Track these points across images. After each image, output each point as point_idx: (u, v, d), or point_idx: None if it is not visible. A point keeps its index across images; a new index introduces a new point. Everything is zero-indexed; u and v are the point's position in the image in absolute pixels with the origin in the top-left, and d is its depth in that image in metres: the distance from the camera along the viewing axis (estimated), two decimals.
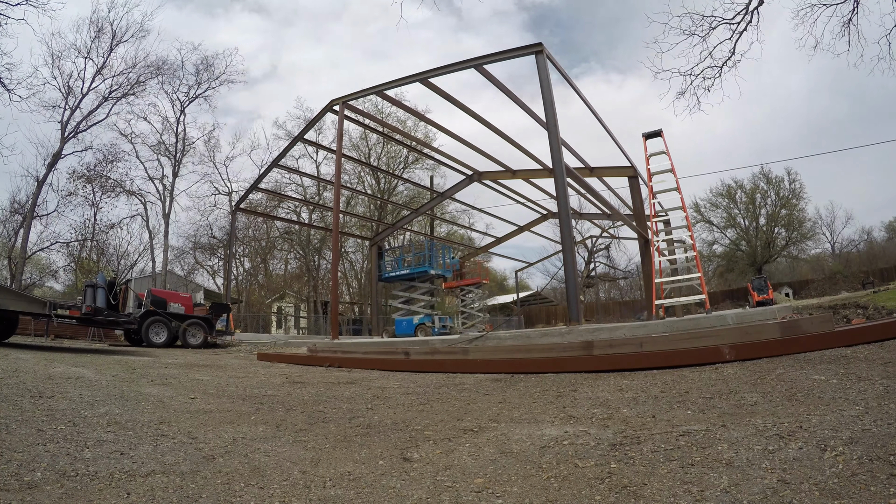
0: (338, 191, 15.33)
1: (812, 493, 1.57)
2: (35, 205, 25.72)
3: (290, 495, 1.93)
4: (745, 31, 12.05)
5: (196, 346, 13.49)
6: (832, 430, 2.12)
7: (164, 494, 1.91)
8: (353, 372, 6.53)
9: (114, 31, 26.49)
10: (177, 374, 6.13)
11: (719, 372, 3.97)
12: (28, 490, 1.88)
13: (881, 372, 3.11)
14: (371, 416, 3.47)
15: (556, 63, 10.84)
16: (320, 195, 34.50)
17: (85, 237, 29.30)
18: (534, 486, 1.93)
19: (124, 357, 8.84)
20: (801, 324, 4.71)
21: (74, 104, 26.00)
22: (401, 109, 20.70)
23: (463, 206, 26.91)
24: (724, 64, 12.49)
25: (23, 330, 12.06)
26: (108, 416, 3.23)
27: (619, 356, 4.89)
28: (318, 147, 27.27)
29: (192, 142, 31.24)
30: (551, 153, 10.06)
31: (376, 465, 2.33)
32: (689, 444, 2.22)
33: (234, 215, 22.67)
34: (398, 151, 35.59)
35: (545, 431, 2.74)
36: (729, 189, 45.03)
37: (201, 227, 33.89)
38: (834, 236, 49.53)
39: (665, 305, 10.51)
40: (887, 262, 38.38)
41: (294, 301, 39.54)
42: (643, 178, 13.20)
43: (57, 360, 6.99)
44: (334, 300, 14.55)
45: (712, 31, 12.33)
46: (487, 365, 5.62)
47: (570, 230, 10.24)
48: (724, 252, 45.53)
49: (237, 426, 3.16)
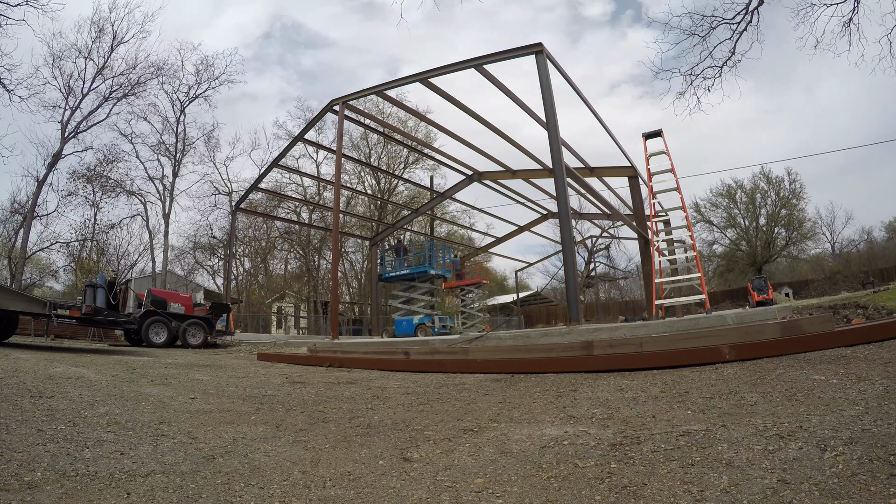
0: (338, 191, 15.33)
1: (812, 493, 1.57)
2: (35, 205, 25.73)
3: (290, 495, 1.93)
4: (745, 30, 12.06)
5: (196, 346, 13.49)
6: (832, 430, 2.12)
7: (164, 494, 1.91)
8: (353, 372, 6.53)
9: (115, 31, 26.53)
10: (177, 374, 6.13)
11: (719, 372, 3.97)
12: (28, 490, 1.88)
13: (881, 372, 3.11)
14: (371, 416, 3.47)
15: (556, 63, 10.84)
16: (320, 195, 34.49)
17: (85, 237, 29.33)
18: (534, 486, 1.93)
19: (124, 357, 8.83)
20: (801, 324, 4.70)
21: (75, 104, 26.01)
22: (401, 109, 20.70)
23: (463, 206, 26.94)
24: (724, 64, 12.51)
25: (23, 330, 12.06)
26: (108, 416, 3.23)
27: (619, 356, 4.89)
28: (319, 147, 27.29)
29: (192, 142, 31.26)
30: (551, 153, 10.06)
31: (376, 465, 2.32)
32: (689, 444, 2.22)
33: (234, 215, 22.67)
34: (398, 151, 35.59)
35: (545, 431, 2.74)
36: (729, 189, 45.07)
37: (201, 227, 33.95)
38: (834, 236, 49.59)
39: (665, 305, 10.51)
40: (887, 262, 38.38)
41: (294, 301, 39.55)
42: (643, 178, 13.19)
43: (57, 360, 6.99)
44: (334, 300, 14.55)
45: (712, 31, 12.34)
46: (487, 365, 5.62)
47: (570, 230, 10.24)
48: (724, 252, 45.53)
49: (237, 426, 3.16)
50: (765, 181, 43.66)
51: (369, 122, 23.31)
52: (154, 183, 30.22)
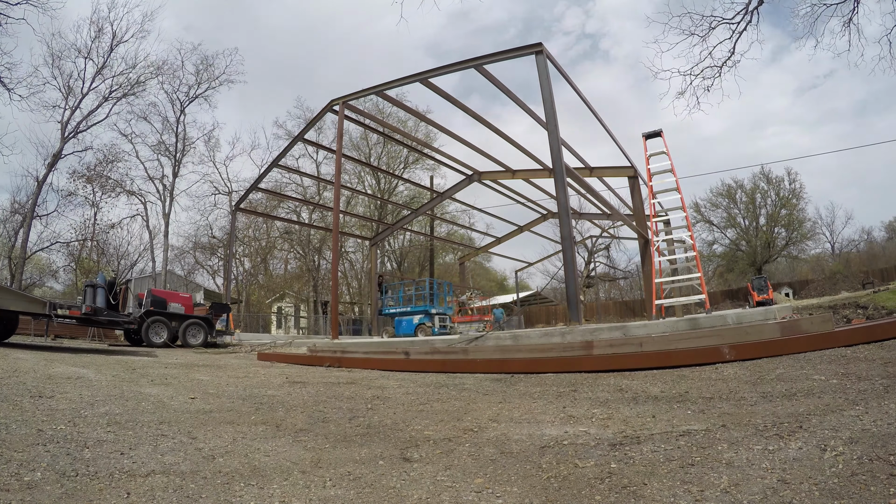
0: (338, 191, 15.33)
1: (812, 493, 1.57)
2: (35, 205, 25.74)
3: (290, 495, 1.93)
4: (744, 30, 12.06)
5: (196, 346, 13.49)
6: (832, 430, 2.12)
7: (164, 494, 1.90)
8: (353, 372, 6.53)
9: (114, 31, 26.53)
10: (177, 374, 6.13)
11: (719, 372, 3.97)
12: (28, 490, 1.88)
13: (881, 372, 3.11)
14: (371, 416, 3.46)
15: (556, 63, 10.84)
16: (320, 195, 34.49)
17: (85, 237, 29.33)
18: (534, 486, 1.93)
19: (124, 357, 8.83)
20: (801, 324, 4.71)
21: (75, 104, 26.04)
22: (401, 109, 20.70)
23: (463, 206, 26.92)
24: (724, 64, 12.50)
25: (23, 330, 12.06)
26: (108, 416, 3.23)
27: (619, 356, 4.89)
28: (318, 147, 27.28)
29: (192, 142, 31.28)
30: (551, 153, 10.06)
31: (376, 465, 2.32)
32: (689, 444, 2.22)
33: (234, 215, 22.67)
34: (398, 151, 35.60)
35: (545, 431, 2.74)
36: (729, 189, 45.09)
37: (201, 227, 33.95)
38: (834, 236, 49.63)
39: (665, 305, 10.51)
40: (887, 262, 38.38)
41: (294, 301, 39.56)
42: (643, 178, 13.19)
43: (57, 360, 6.99)
44: (334, 300, 14.55)
45: (712, 31, 12.33)
46: (487, 365, 5.62)
47: (570, 230, 10.24)
48: (724, 252, 45.54)
49: (237, 426, 3.16)
50: (765, 181, 43.72)
51: (369, 122, 23.31)
52: (154, 183, 30.27)
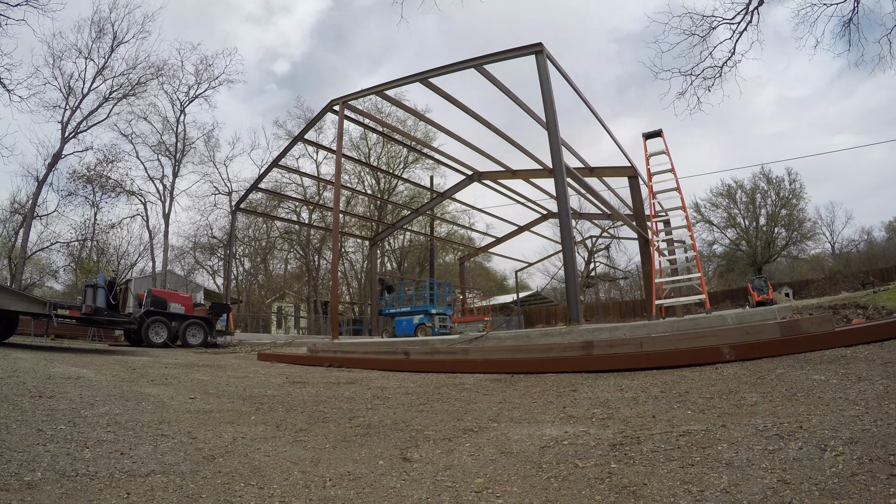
0: (338, 191, 15.33)
1: (812, 493, 1.57)
2: (35, 205, 25.75)
3: (290, 495, 1.93)
4: (745, 30, 12.07)
5: (196, 346, 13.49)
6: (832, 430, 2.12)
7: (164, 494, 1.90)
8: (353, 372, 6.53)
9: (115, 31, 26.54)
10: (177, 374, 6.13)
11: (719, 372, 3.97)
12: (28, 490, 1.88)
13: (881, 372, 3.11)
14: (371, 416, 3.46)
15: (556, 63, 10.84)
16: (320, 195, 34.50)
17: (85, 237, 29.37)
18: (534, 486, 1.93)
19: (124, 357, 8.84)
20: (801, 324, 4.70)
21: (75, 104, 26.06)
22: (401, 109, 20.70)
23: (463, 206, 26.94)
24: (725, 64, 12.51)
25: (23, 330, 12.07)
26: (108, 416, 3.23)
27: (619, 356, 4.89)
28: (318, 147, 27.29)
29: (192, 142, 31.30)
30: (551, 153, 10.07)
31: (376, 465, 2.32)
32: (689, 444, 2.22)
33: (234, 215, 22.69)
34: (398, 151, 35.61)
35: (545, 431, 2.74)
36: (729, 189, 45.12)
37: (201, 227, 34.00)
38: (834, 236, 49.66)
39: (665, 305, 10.51)
40: (887, 262, 38.39)
41: (294, 301, 39.57)
42: (643, 178, 13.19)
43: (57, 360, 6.99)
44: (334, 300, 14.55)
45: (712, 31, 12.35)
46: (487, 365, 5.61)
47: (570, 230, 10.25)
48: (724, 252, 45.56)
49: (237, 426, 3.16)
50: (765, 181, 43.74)
51: (369, 122, 23.31)
52: (154, 183, 30.31)
